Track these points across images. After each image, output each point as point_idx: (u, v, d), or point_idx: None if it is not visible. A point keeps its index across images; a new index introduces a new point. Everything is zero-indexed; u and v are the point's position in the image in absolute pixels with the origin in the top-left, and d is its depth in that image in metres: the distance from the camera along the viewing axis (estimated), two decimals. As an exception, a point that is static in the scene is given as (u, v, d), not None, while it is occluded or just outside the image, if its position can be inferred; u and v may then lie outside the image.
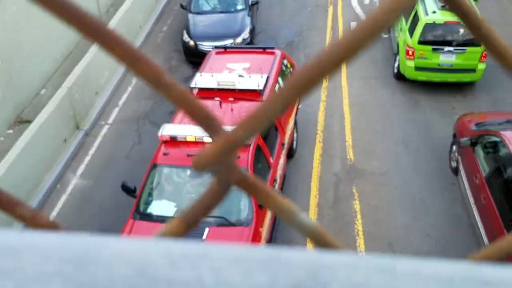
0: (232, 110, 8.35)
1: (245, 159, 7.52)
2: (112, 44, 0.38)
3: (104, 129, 11.11)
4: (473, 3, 11.47)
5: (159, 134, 7.86)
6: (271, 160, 8.30)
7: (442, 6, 11.20)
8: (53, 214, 9.16)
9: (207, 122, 0.42)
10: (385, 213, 8.84)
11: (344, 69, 12.34)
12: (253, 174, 7.23)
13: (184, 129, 7.83)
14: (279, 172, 8.51)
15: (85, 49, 12.18)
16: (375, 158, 10.00)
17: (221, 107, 8.39)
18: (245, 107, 8.46)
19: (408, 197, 9.14)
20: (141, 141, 10.64)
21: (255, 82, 8.70)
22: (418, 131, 10.60)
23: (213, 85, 8.80)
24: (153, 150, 8.26)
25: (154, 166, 7.79)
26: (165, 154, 7.78)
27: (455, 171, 9.34)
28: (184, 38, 12.69)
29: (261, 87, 8.65)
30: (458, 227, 8.52)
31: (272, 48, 10.25)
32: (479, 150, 8.37)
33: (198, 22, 12.87)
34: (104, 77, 11.97)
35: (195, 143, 7.77)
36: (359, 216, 8.77)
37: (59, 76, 11.90)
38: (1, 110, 10.37)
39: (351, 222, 8.63)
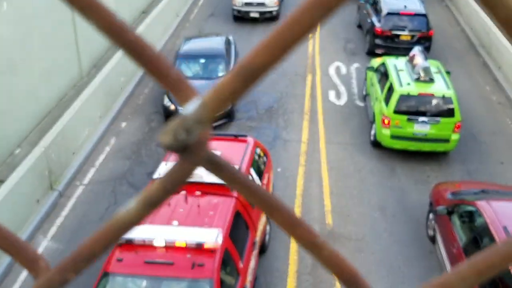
0: (198, 205, 7.66)
1: (210, 268, 6.60)
2: (273, 209, 0.39)
3: (79, 190, 10.89)
4: (446, 76, 12.01)
5: None
6: (241, 265, 7.36)
7: (416, 79, 11.66)
8: (21, 278, 8.74)
9: None
10: (363, 281, 8.71)
11: (322, 134, 12.58)
12: (219, 284, 6.44)
13: (144, 231, 6.81)
14: (249, 279, 7.60)
15: (64, 108, 12.18)
16: (352, 223, 9.98)
17: (186, 202, 7.65)
18: (213, 203, 7.73)
19: (385, 264, 9.06)
20: (116, 202, 10.43)
21: None
22: (394, 197, 10.70)
23: None
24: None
25: (105, 274, 6.65)
26: (118, 260, 6.68)
27: (433, 239, 9.36)
28: (165, 102, 12.87)
29: None
30: (437, 296, 8.42)
31: (245, 136, 9.76)
32: (455, 219, 8.45)
33: (180, 86, 13.10)
34: (82, 137, 11.90)
35: (154, 248, 6.80)
36: (337, 284, 8.60)
37: (36, 134, 11.76)
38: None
39: (329, 290, 8.45)
